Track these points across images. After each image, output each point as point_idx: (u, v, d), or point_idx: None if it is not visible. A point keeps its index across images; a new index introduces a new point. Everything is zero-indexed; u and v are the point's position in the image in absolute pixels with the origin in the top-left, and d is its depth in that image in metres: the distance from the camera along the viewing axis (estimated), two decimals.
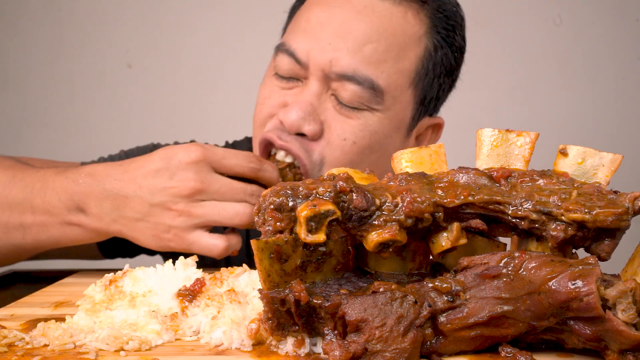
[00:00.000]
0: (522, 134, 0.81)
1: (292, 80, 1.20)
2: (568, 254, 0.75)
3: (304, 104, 1.15)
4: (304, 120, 1.14)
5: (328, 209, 0.69)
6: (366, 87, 1.15)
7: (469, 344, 0.71)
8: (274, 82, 1.23)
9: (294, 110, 1.14)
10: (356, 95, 1.15)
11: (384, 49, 1.16)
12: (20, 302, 0.98)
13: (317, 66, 1.16)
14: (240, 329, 0.75)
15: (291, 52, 1.18)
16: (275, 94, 1.21)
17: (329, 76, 1.16)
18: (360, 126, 1.17)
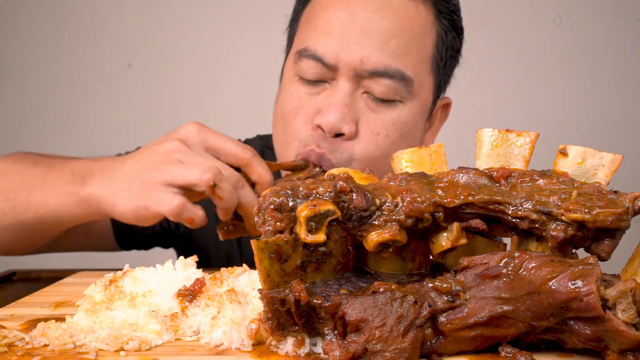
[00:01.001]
0: (522, 134, 0.81)
1: (319, 84, 1.22)
2: (568, 254, 0.75)
3: (340, 105, 1.17)
4: (343, 122, 1.17)
5: (328, 209, 0.69)
6: (398, 79, 1.19)
7: (469, 344, 0.72)
8: (300, 89, 1.23)
9: (332, 113, 1.17)
10: (390, 89, 1.19)
11: (406, 42, 1.20)
12: (20, 302, 0.98)
13: (348, 66, 1.18)
14: (240, 329, 0.75)
15: (318, 56, 1.19)
16: (306, 102, 1.22)
17: (360, 75, 1.18)
18: (392, 120, 1.21)
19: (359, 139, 1.20)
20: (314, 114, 1.20)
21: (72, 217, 1.15)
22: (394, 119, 1.21)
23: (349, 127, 1.18)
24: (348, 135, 1.19)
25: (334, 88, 1.20)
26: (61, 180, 1.14)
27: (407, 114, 1.22)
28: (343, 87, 1.19)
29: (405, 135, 1.24)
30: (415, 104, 1.24)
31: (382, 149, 1.21)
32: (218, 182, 1.03)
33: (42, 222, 1.17)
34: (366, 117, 1.20)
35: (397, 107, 1.21)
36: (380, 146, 1.21)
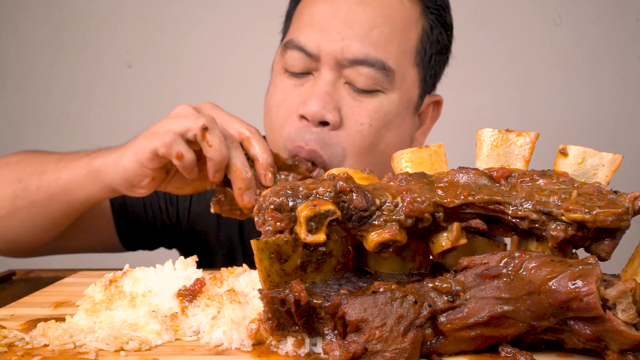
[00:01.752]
0: (522, 134, 0.81)
1: (303, 76, 1.24)
2: (568, 254, 0.75)
3: (321, 93, 1.19)
4: (325, 109, 1.18)
5: (328, 209, 0.69)
6: (378, 68, 1.20)
7: (469, 344, 0.72)
8: (285, 82, 1.26)
9: (314, 100, 1.19)
10: (370, 78, 1.20)
11: (388, 33, 1.22)
12: (20, 302, 0.98)
13: (329, 55, 1.20)
14: (240, 329, 0.75)
15: (301, 46, 1.22)
16: (290, 94, 1.24)
17: (341, 63, 1.20)
18: (374, 109, 1.22)
19: (344, 129, 1.21)
20: (297, 106, 1.22)
21: (82, 191, 1.17)
22: (376, 108, 1.22)
23: (332, 116, 1.19)
24: (332, 124, 1.20)
25: (316, 79, 1.22)
26: (74, 160, 1.18)
27: (390, 104, 1.23)
28: (325, 76, 1.21)
29: (389, 125, 1.24)
30: (398, 95, 1.24)
31: (368, 139, 1.22)
32: (210, 127, 1.05)
33: (53, 200, 1.20)
34: (348, 105, 1.21)
35: (378, 97, 1.22)
36: (366, 137, 1.22)
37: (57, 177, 1.19)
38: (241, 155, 1.09)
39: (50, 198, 1.20)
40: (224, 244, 1.50)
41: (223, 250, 1.49)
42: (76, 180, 1.17)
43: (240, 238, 1.50)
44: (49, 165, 1.22)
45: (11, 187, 1.23)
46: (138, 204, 1.47)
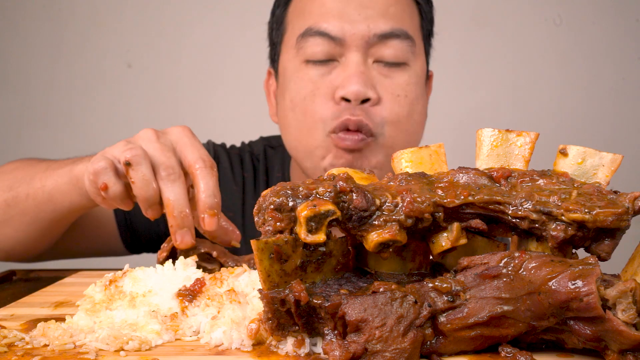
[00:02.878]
0: (522, 134, 0.81)
1: (328, 63, 1.26)
2: (568, 254, 0.75)
3: (358, 73, 1.22)
4: (365, 87, 1.22)
5: (328, 209, 0.69)
6: (404, 38, 1.27)
7: (469, 344, 0.72)
8: (311, 73, 1.27)
9: (354, 81, 1.21)
10: (398, 49, 1.26)
11: (401, 10, 1.29)
12: (20, 302, 0.98)
13: (355, 36, 1.23)
14: (240, 329, 0.75)
15: (323, 32, 1.24)
16: (320, 83, 1.26)
17: (369, 42, 1.24)
18: (405, 81, 1.28)
19: (383, 103, 1.26)
20: (332, 92, 1.24)
21: (65, 199, 1.14)
22: (406, 81, 1.28)
23: (372, 93, 1.23)
24: (373, 100, 1.24)
25: (345, 63, 1.24)
26: (60, 167, 1.16)
27: (415, 76, 1.30)
28: (354, 58, 1.24)
29: (419, 95, 1.31)
30: (419, 66, 1.32)
31: (405, 108, 1.27)
32: (134, 163, 0.96)
33: (41, 208, 1.19)
34: (382, 83, 1.26)
35: (406, 70, 1.28)
36: (404, 106, 1.27)
37: (43, 185, 1.17)
38: (178, 190, 0.97)
39: (38, 206, 1.19)
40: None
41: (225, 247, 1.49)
42: (60, 188, 1.14)
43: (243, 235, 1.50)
44: (38, 173, 1.20)
45: (3, 196, 1.22)
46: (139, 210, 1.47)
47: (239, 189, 1.51)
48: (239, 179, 1.52)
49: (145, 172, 0.96)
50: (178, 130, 1.04)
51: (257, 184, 1.52)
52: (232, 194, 1.50)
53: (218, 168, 1.48)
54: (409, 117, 1.29)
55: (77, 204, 1.15)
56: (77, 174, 1.10)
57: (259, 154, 1.56)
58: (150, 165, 0.97)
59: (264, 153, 1.56)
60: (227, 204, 1.47)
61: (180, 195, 0.97)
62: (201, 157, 1.00)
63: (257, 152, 1.56)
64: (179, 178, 0.98)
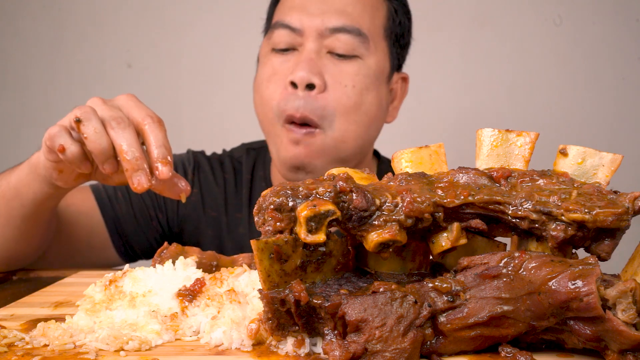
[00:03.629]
0: (522, 134, 0.81)
1: (289, 51, 1.38)
2: (568, 254, 0.75)
3: (307, 60, 1.34)
4: (311, 73, 1.32)
5: (328, 209, 0.69)
6: (355, 34, 1.36)
7: (469, 344, 0.72)
8: (273, 60, 1.39)
9: (300, 66, 1.33)
10: (349, 43, 1.36)
11: (360, 9, 1.39)
12: (20, 302, 0.98)
13: (311, 28, 1.35)
14: (240, 329, 0.75)
15: (286, 24, 1.37)
16: (279, 68, 1.38)
17: (322, 34, 1.36)
18: (354, 72, 1.37)
19: (329, 91, 1.34)
20: (286, 77, 1.35)
21: (29, 190, 1.16)
22: (355, 71, 1.37)
23: (317, 79, 1.33)
24: (318, 86, 1.33)
25: (301, 50, 1.37)
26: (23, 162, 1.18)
27: (367, 68, 1.38)
28: (309, 46, 1.36)
29: (370, 87, 1.39)
30: (373, 61, 1.39)
31: (352, 99, 1.36)
32: (84, 119, 1.01)
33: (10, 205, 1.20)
34: (331, 71, 1.35)
35: (357, 62, 1.37)
36: (350, 96, 1.35)
37: (8, 182, 1.19)
38: (129, 136, 1.01)
39: (8, 204, 1.20)
40: (214, 240, 1.54)
41: (213, 247, 1.53)
42: (22, 180, 1.17)
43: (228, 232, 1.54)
44: (4, 176, 1.22)
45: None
46: (129, 216, 1.49)
47: (221, 189, 1.57)
48: (220, 180, 1.58)
49: (96, 126, 1.01)
50: (124, 96, 1.09)
51: (238, 183, 1.58)
52: (215, 195, 1.56)
53: (199, 173, 1.56)
54: (358, 108, 1.36)
55: (40, 193, 1.16)
56: (33, 161, 1.13)
57: (240, 157, 1.63)
58: (100, 121, 1.02)
59: (246, 154, 1.63)
60: (210, 204, 1.55)
61: (132, 140, 1.01)
62: (148, 114, 1.04)
63: (237, 156, 1.64)
64: (128, 126, 1.02)
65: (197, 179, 1.56)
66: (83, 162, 1.05)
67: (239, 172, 1.60)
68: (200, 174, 1.57)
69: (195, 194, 1.55)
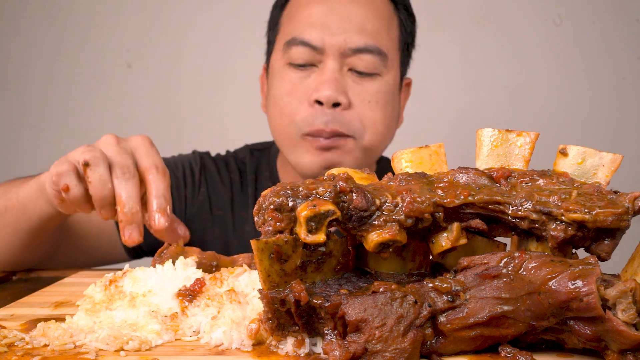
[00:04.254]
0: (522, 134, 0.81)
1: (307, 68, 1.39)
2: (568, 254, 0.75)
3: (332, 79, 1.36)
4: (337, 92, 1.35)
5: (328, 209, 0.69)
6: (376, 54, 1.39)
7: (469, 344, 0.72)
8: (291, 75, 1.40)
9: (326, 86, 1.35)
10: (370, 63, 1.38)
11: (379, 25, 1.41)
12: (20, 302, 0.98)
13: (333, 47, 1.36)
14: (240, 329, 0.75)
15: (306, 42, 1.37)
16: (298, 84, 1.39)
17: (344, 53, 1.37)
18: (376, 89, 1.40)
19: (354, 107, 1.38)
20: (307, 95, 1.36)
21: (35, 208, 1.17)
22: (377, 89, 1.40)
23: (343, 97, 1.35)
24: (344, 104, 1.36)
25: (322, 69, 1.38)
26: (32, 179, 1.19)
27: (386, 85, 1.42)
28: (331, 65, 1.37)
29: (390, 103, 1.43)
30: (391, 76, 1.44)
31: (377, 113, 1.40)
32: (92, 164, 1.00)
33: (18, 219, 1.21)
34: (354, 90, 1.38)
35: (377, 80, 1.41)
36: (375, 111, 1.39)
37: (17, 196, 1.20)
38: (130, 188, 1.01)
39: (16, 217, 1.22)
40: (220, 238, 1.56)
41: (220, 245, 1.55)
42: (30, 197, 1.17)
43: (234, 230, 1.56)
44: (15, 186, 1.23)
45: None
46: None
47: (227, 189, 1.59)
48: (226, 180, 1.60)
49: (102, 173, 1.01)
50: (138, 138, 1.08)
51: (243, 183, 1.61)
52: (221, 194, 1.58)
53: (206, 173, 1.59)
54: (382, 122, 1.41)
55: (46, 212, 1.17)
56: (42, 181, 1.13)
57: (244, 158, 1.65)
58: (108, 167, 1.02)
59: (250, 155, 1.65)
60: (217, 203, 1.57)
61: (132, 193, 1.01)
62: (155, 164, 1.05)
63: (241, 157, 1.66)
64: (132, 177, 1.02)
65: (204, 178, 1.59)
66: (84, 203, 1.05)
67: (244, 172, 1.62)
68: (206, 174, 1.60)
69: (203, 193, 1.57)
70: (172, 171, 1.56)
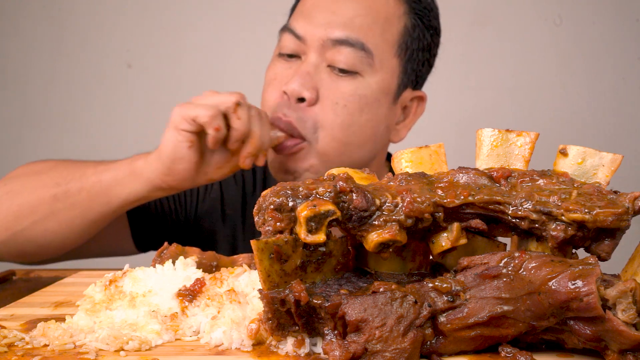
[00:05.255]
0: (522, 134, 0.81)
1: (293, 58, 1.37)
2: (568, 254, 0.75)
3: (303, 73, 1.32)
4: (303, 87, 1.31)
5: (328, 209, 0.69)
6: (358, 48, 1.31)
7: (469, 344, 0.72)
8: (278, 64, 1.40)
9: (295, 79, 1.32)
10: (350, 57, 1.31)
11: (370, 22, 1.34)
12: (20, 302, 0.98)
13: (314, 37, 1.33)
14: (240, 329, 0.75)
15: (291, 29, 1.36)
16: (280, 74, 1.38)
17: (325, 45, 1.32)
18: (350, 91, 1.32)
19: (319, 106, 1.32)
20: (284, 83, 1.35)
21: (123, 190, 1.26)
22: (352, 91, 1.32)
23: (309, 93, 1.31)
24: (308, 100, 1.31)
25: (303, 61, 1.35)
26: (114, 163, 1.29)
27: (366, 88, 1.33)
28: (309, 59, 1.33)
29: (365, 109, 1.34)
30: (376, 80, 1.34)
31: (340, 117, 1.32)
32: (242, 103, 1.22)
33: (94, 201, 1.27)
34: (326, 87, 1.32)
35: (356, 79, 1.33)
36: (339, 115, 1.32)
37: (100, 179, 1.27)
38: (264, 127, 1.24)
39: (92, 199, 1.27)
40: (229, 238, 1.55)
41: (227, 245, 1.54)
42: (118, 180, 1.26)
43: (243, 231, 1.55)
44: (89, 169, 1.30)
45: (50, 191, 1.28)
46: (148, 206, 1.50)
47: (239, 187, 1.57)
48: (239, 178, 1.58)
49: (249, 111, 1.23)
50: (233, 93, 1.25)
51: (255, 183, 1.59)
52: (233, 193, 1.57)
53: None
54: (346, 128, 1.33)
55: (136, 194, 1.26)
56: (140, 166, 1.25)
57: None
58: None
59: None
60: (228, 202, 1.56)
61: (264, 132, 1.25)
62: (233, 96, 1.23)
63: None
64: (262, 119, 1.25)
65: None
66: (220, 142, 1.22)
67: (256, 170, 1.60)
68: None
69: (215, 190, 1.56)
70: None
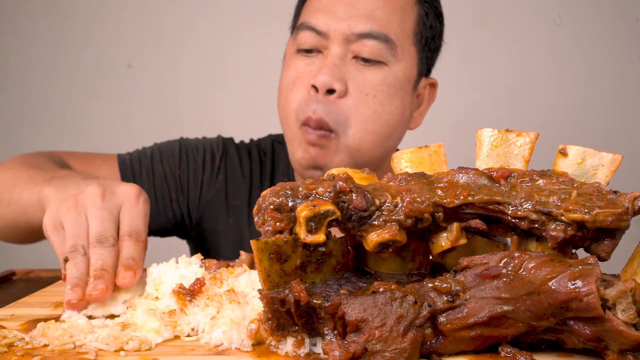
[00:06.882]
0: (522, 134, 0.81)
1: (314, 52, 1.37)
2: (568, 254, 0.75)
3: (331, 65, 1.32)
4: (333, 79, 1.30)
5: (328, 209, 0.69)
6: (382, 40, 1.33)
7: (469, 344, 0.72)
8: (298, 62, 1.38)
9: (323, 71, 1.31)
10: (375, 49, 1.33)
11: (389, 13, 1.36)
12: (20, 302, 0.98)
13: (337, 32, 1.33)
14: (240, 329, 0.76)
15: (312, 26, 1.35)
16: (303, 71, 1.36)
17: (349, 39, 1.33)
18: (379, 80, 1.34)
19: (349, 97, 1.32)
20: (309, 80, 1.33)
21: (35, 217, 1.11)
22: (380, 80, 1.34)
23: (339, 85, 1.30)
24: (338, 92, 1.31)
25: (327, 54, 1.35)
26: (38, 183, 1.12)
27: (392, 76, 1.35)
28: (334, 51, 1.33)
29: (393, 97, 1.36)
30: (400, 68, 1.37)
31: (372, 108, 1.33)
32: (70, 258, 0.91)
33: (17, 217, 1.20)
34: (355, 78, 1.33)
35: (382, 69, 1.35)
36: (370, 105, 1.33)
37: (20, 199, 1.16)
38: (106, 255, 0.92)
39: (15, 215, 1.19)
40: (232, 229, 1.54)
41: (232, 236, 1.53)
42: (31, 205, 1.12)
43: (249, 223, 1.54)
44: (22, 182, 1.19)
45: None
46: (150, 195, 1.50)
47: (247, 179, 1.57)
48: (247, 170, 1.58)
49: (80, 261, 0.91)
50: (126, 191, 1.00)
51: (263, 176, 1.59)
52: (239, 184, 1.56)
53: (226, 160, 1.57)
54: (377, 118, 1.34)
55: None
56: (44, 196, 1.06)
57: (266, 148, 1.63)
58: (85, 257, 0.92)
59: (271, 147, 1.62)
60: (233, 193, 1.55)
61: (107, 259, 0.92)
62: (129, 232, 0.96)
63: (264, 147, 1.63)
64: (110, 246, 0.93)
65: (224, 165, 1.57)
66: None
67: (264, 163, 1.60)
68: (227, 161, 1.57)
69: (220, 180, 1.55)
70: (192, 155, 1.56)
